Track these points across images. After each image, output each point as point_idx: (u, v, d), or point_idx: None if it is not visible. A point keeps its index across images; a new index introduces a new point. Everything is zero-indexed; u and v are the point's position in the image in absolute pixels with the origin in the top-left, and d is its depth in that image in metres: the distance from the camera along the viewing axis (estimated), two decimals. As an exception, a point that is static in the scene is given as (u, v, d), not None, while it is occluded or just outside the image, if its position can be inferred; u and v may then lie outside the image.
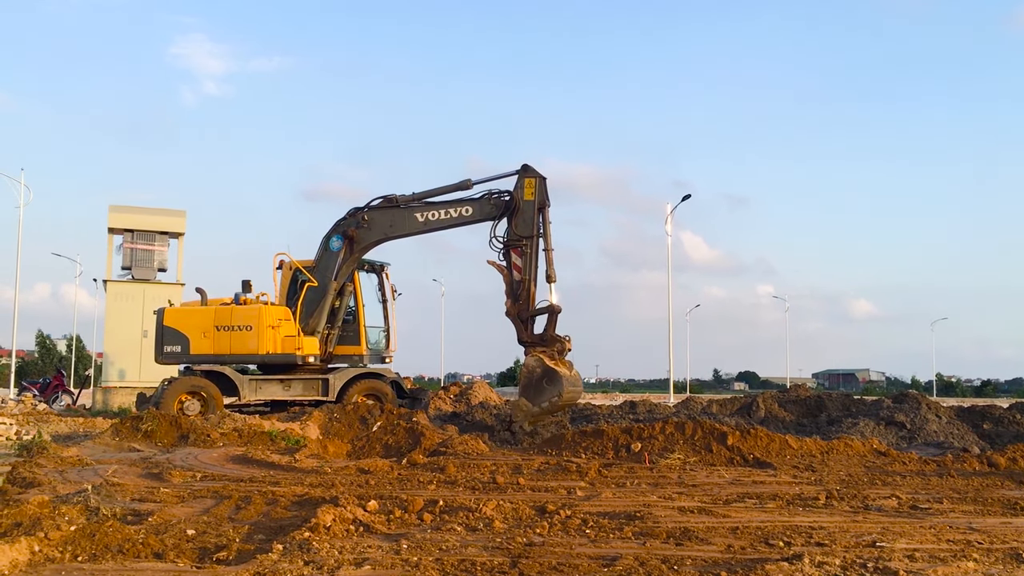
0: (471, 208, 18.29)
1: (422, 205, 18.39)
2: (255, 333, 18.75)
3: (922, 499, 8.72)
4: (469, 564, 5.47)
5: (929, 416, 16.60)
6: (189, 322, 18.97)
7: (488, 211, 18.08)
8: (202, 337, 18.75)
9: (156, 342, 19.06)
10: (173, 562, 5.51)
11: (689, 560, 5.71)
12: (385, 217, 18.55)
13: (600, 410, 19.31)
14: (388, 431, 13.77)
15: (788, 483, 9.88)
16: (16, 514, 6.28)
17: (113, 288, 26.38)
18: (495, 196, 18.08)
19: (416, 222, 18.42)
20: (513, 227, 17.72)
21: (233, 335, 18.79)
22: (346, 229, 18.68)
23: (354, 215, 18.72)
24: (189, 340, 18.76)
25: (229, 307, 18.99)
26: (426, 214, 18.36)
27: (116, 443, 13.32)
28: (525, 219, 17.68)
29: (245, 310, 18.95)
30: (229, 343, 18.83)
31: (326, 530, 6.35)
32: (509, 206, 17.82)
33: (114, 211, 26.93)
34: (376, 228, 18.61)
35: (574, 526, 6.90)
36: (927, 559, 5.77)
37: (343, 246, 18.81)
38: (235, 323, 18.84)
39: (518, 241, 17.63)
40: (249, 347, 18.75)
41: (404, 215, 18.42)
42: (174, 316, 19.11)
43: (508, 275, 17.66)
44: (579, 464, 11.00)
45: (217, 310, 18.98)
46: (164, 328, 18.87)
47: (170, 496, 8.27)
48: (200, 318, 18.96)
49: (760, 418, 18.03)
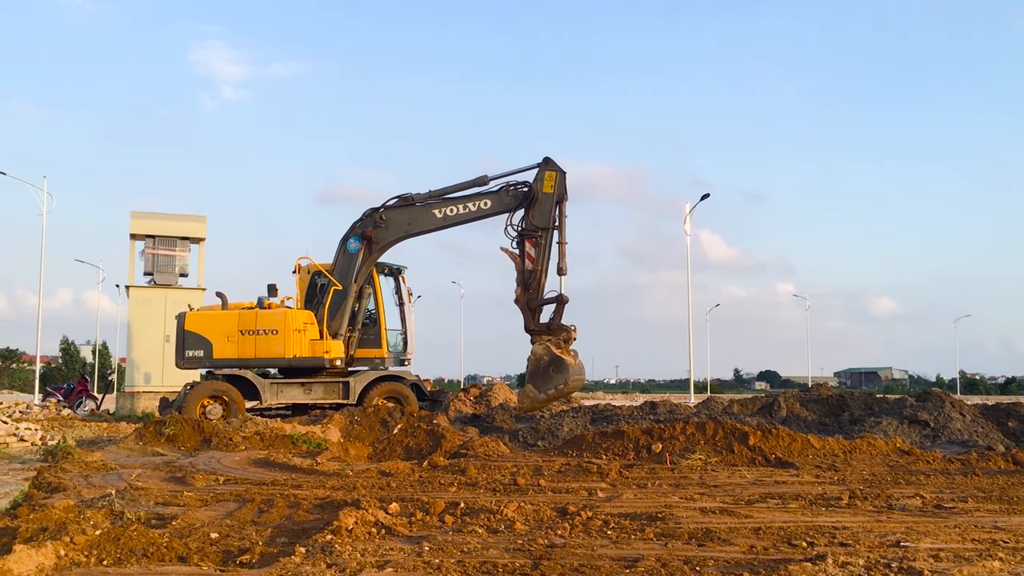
0: (489, 201, 18.44)
1: (440, 201, 18.51)
2: (281, 337, 18.85)
3: (947, 498, 8.65)
4: (491, 566, 5.48)
5: (953, 414, 16.45)
6: (212, 326, 18.99)
7: (507, 203, 18.22)
8: (226, 341, 18.79)
9: (177, 347, 19.10)
10: (197, 565, 5.54)
11: (711, 561, 5.69)
12: (403, 215, 18.65)
13: (620, 411, 19.26)
14: (409, 433, 13.80)
15: (811, 483, 9.83)
16: (42, 518, 6.34)
17: (135, 294, 26.59)
18: (513, 187, 18.27)
19: (435, 218, 18.54)
20: (530, 217, 17.89)
21: (259, 339, 18.86)
22: (364, 230, 18.75)
23: (371, 215, 18.76)
24: (212, 344, 18.81)
25: (254, 311, 19.05)
26: (444, 210, 18.47)
27: (140, 447, 13.43)
28: (543, 211, 17.88)
29: (270, 314, 19.03)
30: (254, 347, 18.87)
31: (348, 533, 6.37)
32: (527, 197, 17.97)
33: (136, 217, 27.16)
34: (394, 227, 18.69)
35: (595, 527, 6.89)
36: (952, 559, 5.73)
37: (361, 247, 18.88)
38: (260, 327, 18.90)
39: (533, 232, 17.84)
40: (275, 351, 18.82)
41: (422, 212, 18.55)
42: (196, 320, 19.13)
43: (520, 263, 17.88)
44: (600, 465, 10.99)
45: (241, 314, 19.03)
46: (186, 333, 18.91)
47: (193, 500, 8.33)
48: (223, 322, 18.99)
49: (782, 418, 17.93)
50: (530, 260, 17.90)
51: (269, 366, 19.40)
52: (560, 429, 15.44)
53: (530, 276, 17.84)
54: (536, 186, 18.00)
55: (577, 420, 16.78)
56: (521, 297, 17.85)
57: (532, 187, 18.03)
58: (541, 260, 17.88)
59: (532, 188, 18.03)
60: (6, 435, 14.94)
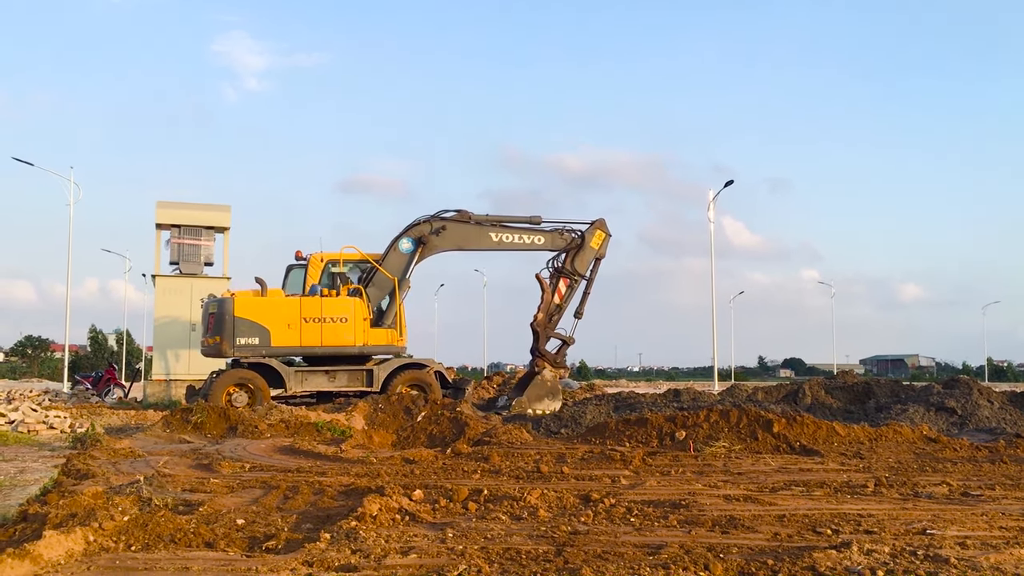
0: (544, 239, 20.75)
1: (497, 226, 20.47)
2: (351, 325, 18.96)
3: (974, 486, 8.57)
4: (514, 552, 5.49)
5: (981, 401, 16.29)
6: (269, 313, 18.72)
7: (558, 244, 20.80)
8: (286, 328, 18.64)
9: (225, 333, 18.49)
10: (223, 551, 5.60)
11: (735, 548, 5.67)
12: (461, 230, 20.29)
13: (644, 398, 19.21)
14: (432, 421, 13.85)
15: (836, 470, 9.78)
16: (71, 505, 6.42)
17: (162, 283, 26.79)
18: (567, 232, 20.87)
19: (490, 240, 20.46)
20: (571, 260, 20.64)
21: (325, 327, 18.80)
22: (421, 235, 19.91)
23: (428, 222, 20.07)
24: (270, 332, 18.56)
25: (317, 299, 19.05)
26: (500, 235, 20.47)
27: (167, 435, 13.56)
28: (584, 260, 20.75)
29: (338, 302, 19.06)
30: (320, 335, 18.79)
31: (372, 519, 6.41)
32: (574, 243, 20.68)
33: (161, 207, 27.34)
34: (450, 239, 20.23)
35: (619, 514, 6.89)
36: (979, 546, 5.68)
37: (415, 249, 19.94)
38: (327, 315, 18.84)
39: (572, 274, 20.65)
40: (344, 339, 18.94)
41: (480, 232, 20.39)
42: (250, 306, 18.73)
43: (550, 295, 20.46)
44: (623, 452, 10.98)
45: (303, 301, 18.97)
46: (236, 319, 18.45)
47: (220, 486, 8.40)
48: (284, 309, 18.81)
49: (806, 405, 17.82)
50: (559, 296, 20.53)
51: (335, 355, 19.33)
52: (583, 416, 15.44)
53: (556, 309, 20.55)
54: (587, 236, 20.73)
55: (600, 408, 16.78)
56: (541, 323, 20.36)
57: (584, 236, 20.70)
58: (568, 299, 20.66)
59: (583, 237, 20.69)
60: (36, 423, 15.15)
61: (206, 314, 19.39)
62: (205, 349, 19.55)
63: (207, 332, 19.15)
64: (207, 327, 19.17)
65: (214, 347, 18.87)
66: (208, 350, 19.33)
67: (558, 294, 20.63)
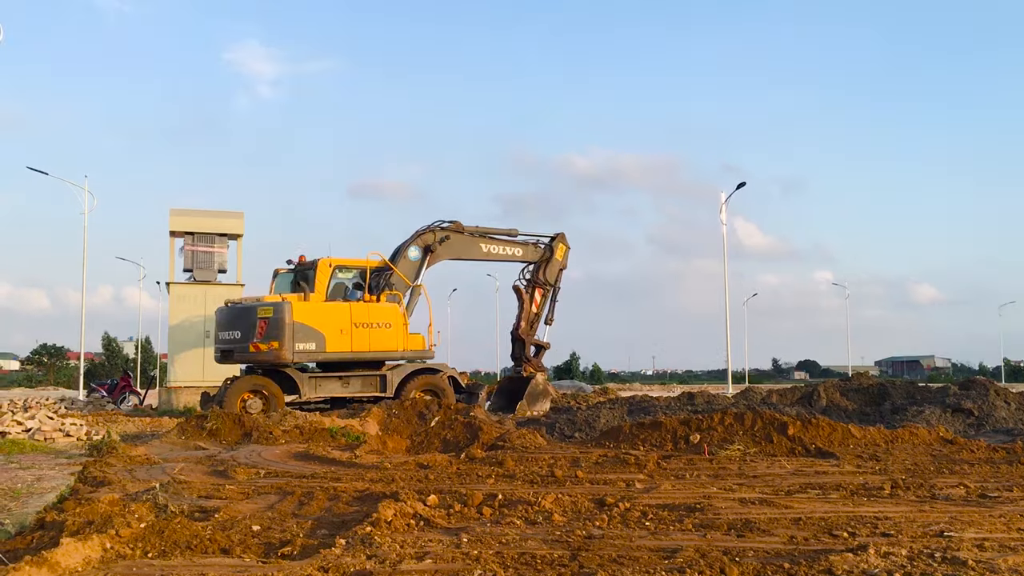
0: (521, 250, 22.94)
1: (486, 238, 22.36)
2: (394, 331, 19.32)
3: (991, 487, 8.51)
4: (529, 557, 5.49)
5: (998, 402, 16.18)
6: (324, 319, 18.69)
7: (532, 256, 23.13)
8: (339, 334, 18.71)
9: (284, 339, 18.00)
10: (239, 557, 5.61)
11: (751, 552, 5.65)
12: (460, 241, 21.68)
13: (658, 401, 19.18)
14: (446, 426, 13.86)
15: (852, 473, 9.73)
16: (88, 512, 6.45)
17: (176, 290, 26.91)
18: (539, 246, 23.18)
19: (481, 251, 22.18)
20: (543, 272, 23.14)
21: (373, 332, 19.05)
22: (428, 243, 20.94)
23: (433, 231, 21.25)
24: (325, 337, 18.54)
25: (366, 304, 19.24)
26: (489, 247, 22.29)
27: (182, 442, 13.62)
28: (554, 270, 23.34)
29: (383, 308, 19.31)
30: (369, 340, 19.00)
31: (387, 525, 6.41)
32: (544, 256, 23.15)
33: (175, 215, 27.48)
34: (452, 248, 21.49)
35: (634, 518, 6.87)
36: (997, 548, 5.64)
37: (424, 257, 20.83)
38: (374, 320, 19.09)
39: (544, 284, 23.16)
40: (390, 344, 19.33)
41: (473, 243, 22.02)
42: (306, 312, 18.50)
43: (528, 304, 22.92)
44: (637, 456, 10.96)
45: (354, 307, 19.11)
46: (296, 324, 18.15)
47: (235, 493, 8.43)
48: (335, 315, 18.88)
49: (822, 407, 17.74)
50: (535, 305, 23.04)
51: (382, 359, 19.76)
52: (597, 420, 15.41)
53: (535, 318, 23.16)
54: (554, 249, 23.27)
55: (614, 411, 16.74)
56: (525, 332, 22.83)
57: (552, 249, 23.23)
58: (543, 307, 23.23)
59: (552, 250, 23.22)
60: (52, 430, 15.22)
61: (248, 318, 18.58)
62: (253, 355, 18.60)
63: (258, 337, 18.26)
64: (257, 332, 18.26)
65: (270, 353, 18.18)
66: (259, 356, 18.45)
67: (535, 303, 23.02)
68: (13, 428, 15.20)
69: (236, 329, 18.88)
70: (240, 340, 18.72)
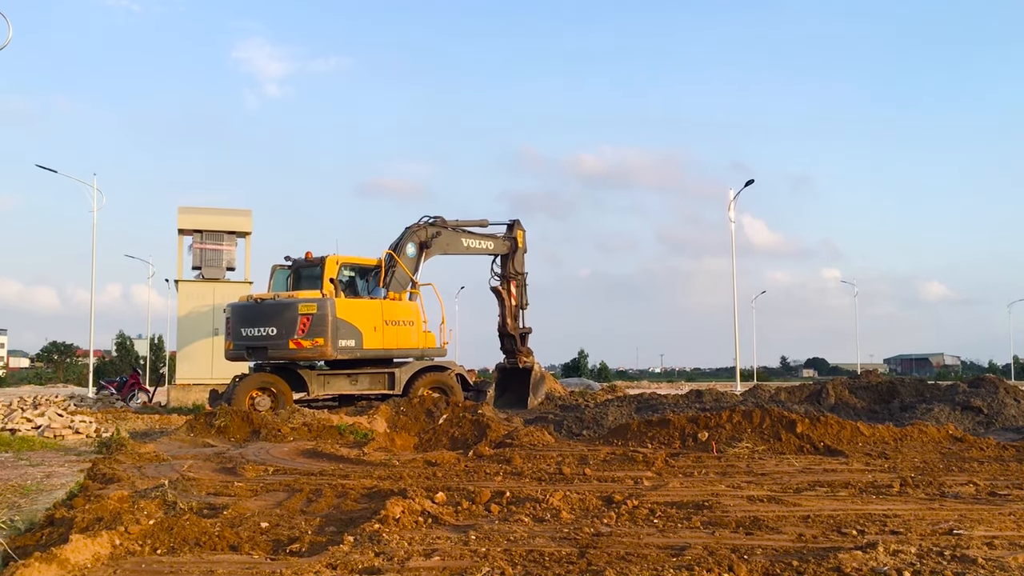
0: (493, 243, 23.13)
1: (465, 233, 22.53)
2: (415, 328, 19.61)
3: (1001, 485, 8.48)
4: (537, 555, 5.49)
5: (1007, 400, 16.12)
6: (362, 316, 18.77)
7: (502, 249, 23.31)
8: (373, 331, 18.83)
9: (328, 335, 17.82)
10: (248, 554, 5.63)
11: (759, 549, 5.64)
12: (448, 236, 21.86)
13: (666, 399, 19.15)
14: (454, 424, 13.87)
15: (860, 471, 9.70)
16: (97, 509, 6.48)
17: (184, 288, 26.95)
18: (505, 239, 23.40)
19: (462, 246, 22.37)
20: (512, 264, 23.38)
21: (399, 330, 19.29)
22: (422, 240, 21.03)
23: (424, 229, 21.31)
24: (362, 335, 18.63)
25: (393, 302, 19.37)
26: (468, 241, 22.51)
27: (191, 439, 13.66)
28: (520, 260, 23.68)
29: (406, 306, 19.48)
30: (396, 338, 19.22)
31: (395, 522, 6.42)
32: (511, 247, 23.37)
33: (183, 212, 27.52)
34: (442, 244, 21.62)
35: (642, 516, 6.87)
36: (1007, 546, 5.62)
37: (420, 254, 20.93)
38: (399, 318, 19.31)
39: (517, 275, 23.49)
40: (412, 342, 19.58)
41: (457, 238, 22.18)
42: (347, 309, 18.54)
43: (508, 300, 23.24)
44: (646, 454, 10.95)
45: (384, 304, 19.20)
46: (339, 321, 18.13)
47: (244, 490, 8.45)
48: (371, 312, 19.00)
49: (830, 405, 17.70)
50: (513, 298, 23.39)
51: (405, 356, 19.93)
52: (605, 418, 15.39)
53: (518, 311, 23.51)
54: (517, 239, 23.54)
55: (622, 409, 16.73)
56: (512, 328, 23.20)
57: (515, 239, 23.50)
58: (522, 297, 23.70)
59: (515, 240, 23.50)
60: (62, 428, 15.29)
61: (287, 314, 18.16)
62: (294, 351, 18.16)
63: (299, 334, 17.92)
64: (298, 328, 17.93)
65: (315, 349, 17.94)
66: (302, 352, 18.12)
67: (512, 297, 23.39)
68: (23, 425, 15.27)
69: (270, 325, 18.32)
70: (276, 337, 18.22)
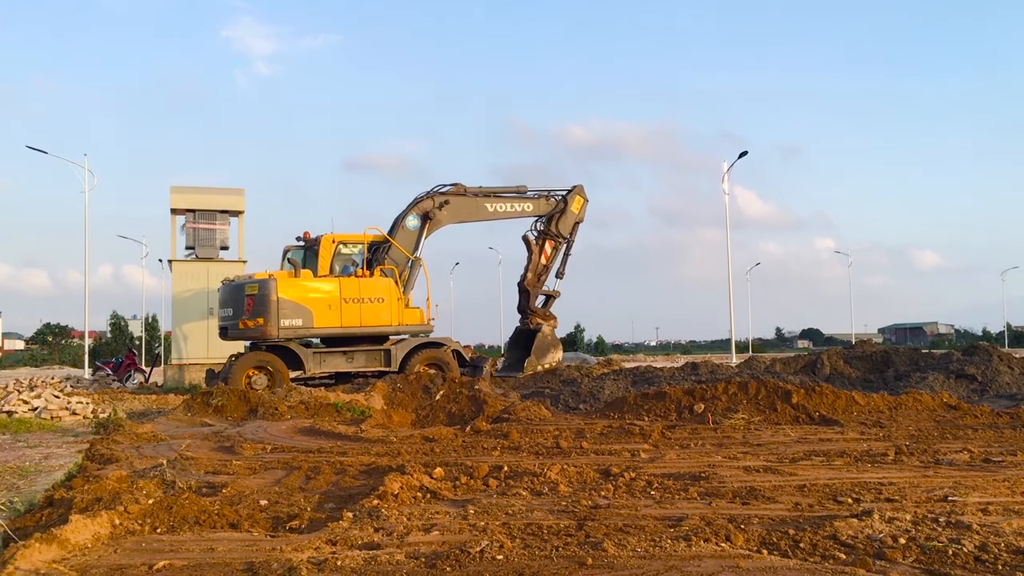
0: (532, 205, 22.72)
1: (491, 197, 22.11)
2: (387, 305, 19.14)
3: (995, 452, 8.54)
4: (536, 528, 5.51)
5: (1001, 368, 16.21)
6: (312, 294, 18.57)
7: (544, 209, 22.95)
8: (327, 309, 18.56)
9: (269, 315, 17.99)
10: (248, 531, 5.65)
11: (756, 519, 5.68)
12: (462, 203, 21.44)
13: (662, 372, 19.22)
14: (451, 399, 13.91)
15: (856, 440, 9.76)
16: (96, 489, 6.49)
17: (178, 268, 26.86)
18: (551, 197, 22.91)
19: (486, 211, 21.94)
20: (555, 223, 22.89)
21: (364, 307, 18.86)
22: (426, 210, 20.73)
23: (432, 197, 20.99)
24: (312, 313, 18.40)
25: (356, 279, 19.08)
26: (495, 205, 22.08)
27: (188, 418, 13.66)
28: (567, 223, 23.06)
29: (375, 282, 19.16)
30: (359, 315, 18.83)
31: (394, 498, 6.45)
32: (558, 207, 22.92)
33: (175, 192, 27.36)
34: (453, 212, 21.24)
35: (639, 488, 6.91)
36: (1001, 512, 5.66)
37: (422, 225, 20.69)
38: (365, 295, 18.89)
39: (556, 236, 22.96)
40: (382, 319, 19.13)
41: (477, 204, 21.77)
42: (292, 288, 18.39)
43: (537, 256, 22.82)
44: (642, 426, 11.00)
45: (343, 282, 18.92)
46: (281, 300, 18.07)
47: (242, 468, 8.47)
48: (325, 290, 18.73)
49: (825, 375, 17.79)
50: (545, 257, 22.92)
51: (374, 334, 19.51)
52: (602, 392, 15.46)
53: (543, 270, 22.95)
54: (569, 201, 23.02)
55: (618, 382, 16.79)
56: (531, 282, 22.71)
57: (566, 201, 22.98)
58: (553, 260, 23.10)
59: (566, 201, 22.97)
60: (59, 409, 15.29)
61: (238, 296, 18.66)
62: (242, 332, 18.64)
63: (245, 314, 18.36)
64: (244, 309, 18.38)
65: (256, 329, 18.24)
66: (247, 332, 18.52)
67: (544, 255, 22.88)
68: (20, 407, 15.26)
69: (229, 307, 19.10)
70: (232, 317, 18.92)
